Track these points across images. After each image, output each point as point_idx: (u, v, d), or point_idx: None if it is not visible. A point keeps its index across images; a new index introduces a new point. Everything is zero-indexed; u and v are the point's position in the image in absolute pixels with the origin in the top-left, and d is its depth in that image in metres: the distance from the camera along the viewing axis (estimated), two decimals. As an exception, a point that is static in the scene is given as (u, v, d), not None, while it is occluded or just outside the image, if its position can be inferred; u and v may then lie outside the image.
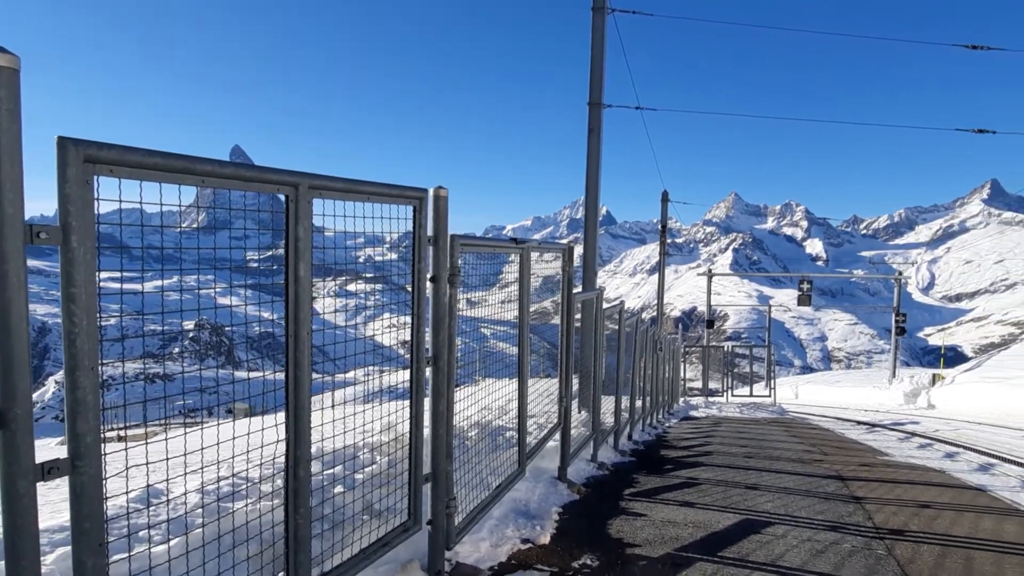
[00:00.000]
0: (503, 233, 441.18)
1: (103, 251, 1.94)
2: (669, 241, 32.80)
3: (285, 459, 2.64)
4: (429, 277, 3.53)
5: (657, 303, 32.08)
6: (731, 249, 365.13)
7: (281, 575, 2.74)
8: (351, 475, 3.92)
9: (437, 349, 3.61)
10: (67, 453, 1.88)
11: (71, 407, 1.87)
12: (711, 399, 27.19)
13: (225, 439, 2.48)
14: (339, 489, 3.67)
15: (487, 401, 4.72)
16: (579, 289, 8.09)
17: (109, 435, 2.06)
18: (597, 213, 12.07)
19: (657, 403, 14.82)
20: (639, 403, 11.10)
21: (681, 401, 24.04)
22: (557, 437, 6.10)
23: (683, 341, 34.70)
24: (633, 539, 4.73)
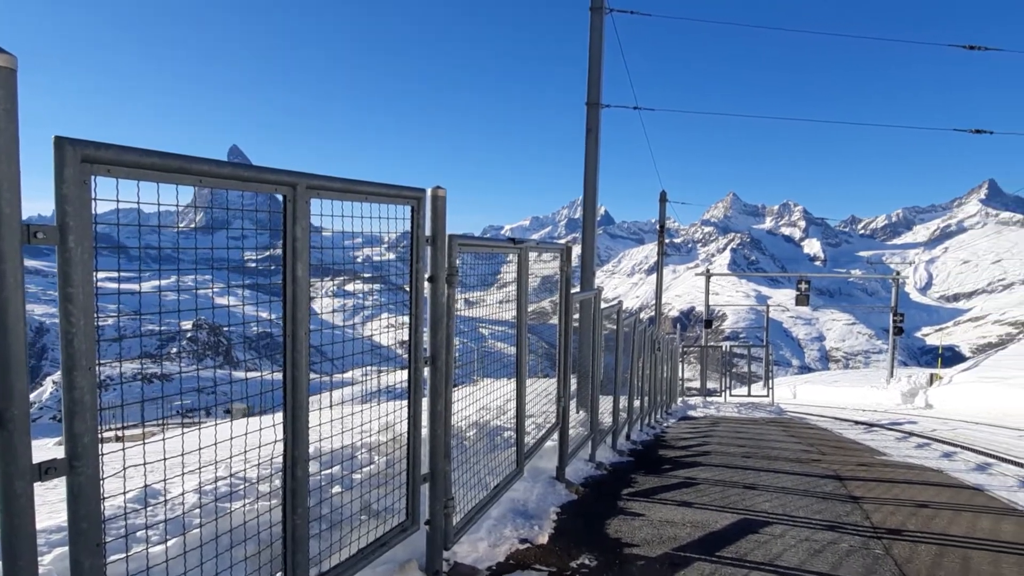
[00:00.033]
0: (501, 233, 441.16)
1: (100, 251, 1.94)
2: (667, 241, 32.82)
3: (283, 459, 2.64)
4: (427, 277, 3.53)
5: (655, 303, 32.10)
6: (729, 249, 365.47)
7: (279, 575, 2.74)
8: (349, 475, 3.92)
9: (435, 349, 3.61)
10: (64, 453, 1.87)
11: (68, 407, 1.87)
12: (709, 399, 27.21)
13: (223, 439, 2.48)
14: (337, 489, 3.67)
15: (485, 401, 4.72)
16: (577, 289, 8.09)
17: (107, 435, 2.05)
18: (595, 213, 12.07)
19: (655, 403, 14.82)
20: (637, 403, 11.11)
21: (679, 401, 24.05)
22: (555, 437, 6.10)
23: (681, 341, 34.72)
24: (631, 539, 4.73)
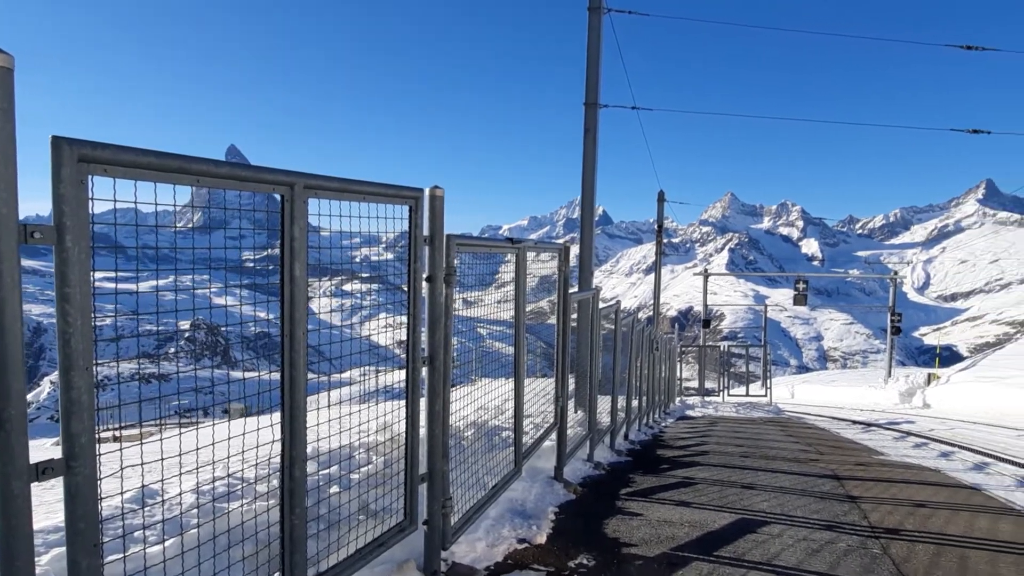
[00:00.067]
0: (499, 233, 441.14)
1: (98, 251, 1.93)
2: (665, 241, 32.84)
3: (281, 459, 2.64)
4: (425, 277, 3.53)
5: (653, 303, 32.11)
6: (727, 249, 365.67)
7: (276, 575, 2.74)
8: (347, 475, 3.92)
9: (433, 349, 3.61)
10: (62, 453, 1.87)
11: (66, 407, 1.86)
12: (707, 399, 27.23)
13: (220, 439, 2.48)
14: (335, 489, 3.67)
15: (483, 401, 4.72)
16: (575, 289, 8.09)
17: (104, 435, 2.05)
18: (593, 213, 12.08)
19: (653, 403, 14.83)
20: (635, 403, 11.11)
21: (677, 401, 24.07)
22: (553, 437, 6.10)
23: (679, 341, 34.74)
24: (629, 539, 4.73)
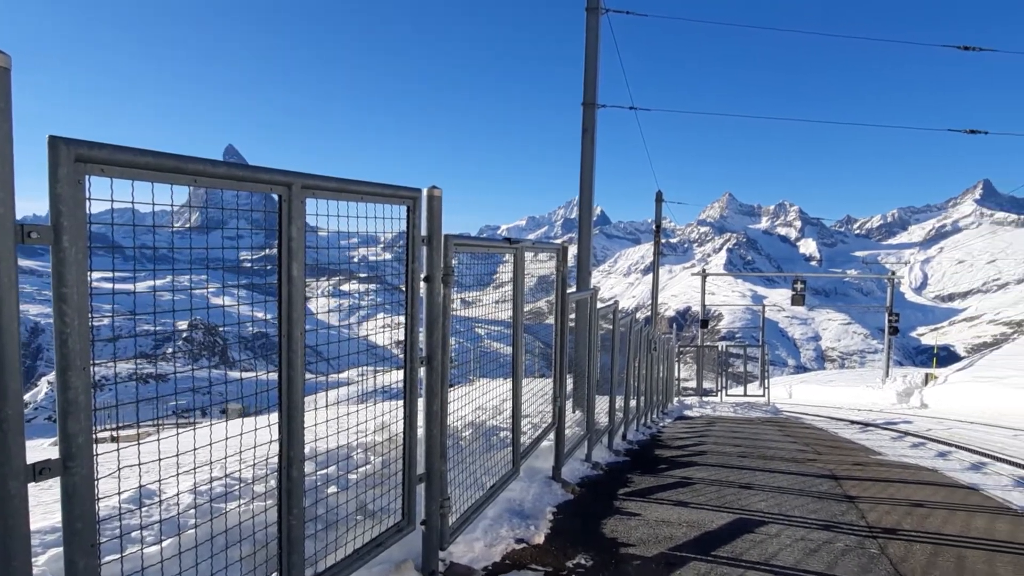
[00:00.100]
0: (498, 233, 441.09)
1: (95, 251, 1.93)
2: (663, 241, 32.86)
3: (278, 459, 2.64)
4: (423, 277, 3.53)
5: (651, 303, 32.13)
6: (725, 249, 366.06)
7: (274, 575, 2.74)
8: (345, 475, 3.92)
9: (431, 349, 3.61)
10: (59, 454, 1.87)
11: (63, 407, 1.86)
12: (705, 399, 27.26)
13: (218, 439, 2.48)
14: (333, 489, 3.67)
15: (481, 401, 4.72)
16: (573, 289, 8.10)
17: (101, 436, 2.05)
18: (591, 213, 12.08)
19: (651, 403, 14.84)
20: (633, 403, 11.12)
21: (675, 401, 24.08)
22: (551, 437, 6.11)
23: (677, 341, 34.77)
24: (627, 539, 4.73)
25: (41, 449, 17.14)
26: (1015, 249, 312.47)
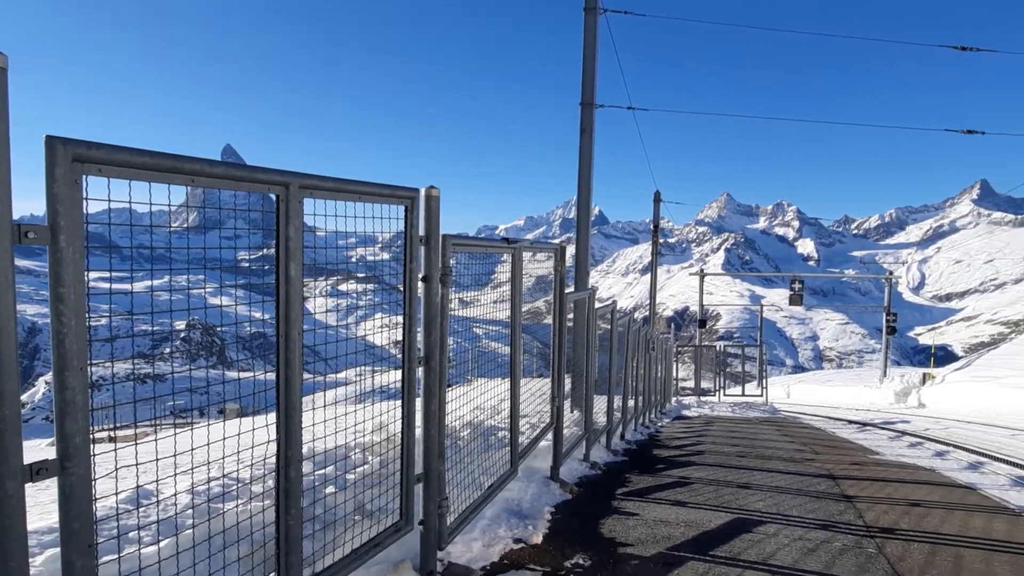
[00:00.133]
0: (496, 233, 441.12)
1: (92, 251, 1.93)
2: (661, 241, 32.89)
3: (276, 459, 2.64)
4: (421, 277, 3.53)
5: (649, 303, 32.15)
6: (723, 249, 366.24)
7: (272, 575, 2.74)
8: (343, 475, 3.91)
9: (429, 349, 3.61)
10: (56, 454, 1.87)
11: (60, 408, 1.86)
12: (703, 398, 27.28)
13: (216, 439, 2.47)
14: (331, 489, 3.67)
15: (479, 401, 4.72)
16: (571, 289, 8.10)
17: (99, 436, 2.05)
18: (589, 213, 12.10)
19: (649, 402, 14.85)
20: (631, 402, 11.12)
21: (673, 400, 24.10)
22: (549, 437, 6.11)
23: (675, 341, 34.79)
24: (625, 538, 4.73)
25: (38, 449, 17.12)
26: (1012, 249, 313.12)
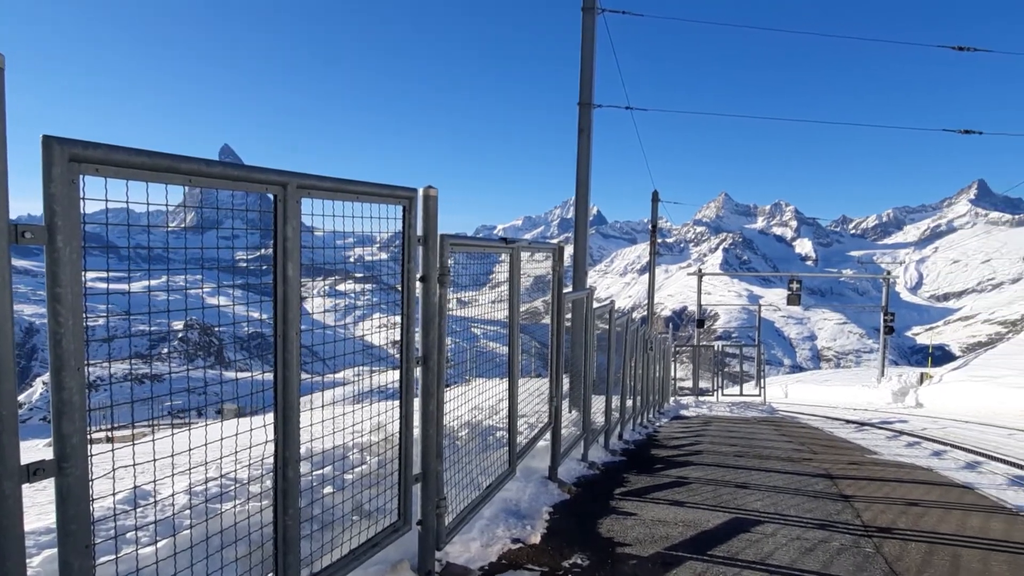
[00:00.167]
0: (494, 233, 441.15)
1: (90, 251, 1.93)
2: (659, 241, 32.93)
3: (274, 460, 2.63)
4: (419, 277, 3.53)
5: (648, 302, 32.17)
6: (721, 249, 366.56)
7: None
8: (341, 476, 3.91)
9: (427, 349, 3.60)
10: (53, 455, 1.87)
11: (57, 408, 1.86)
12: (701, 398, 27.31)
13: (213, 440, 2.47)
14: (328, 490, 3.66)
15: (477, 401, 4.72)
16: (569, 289, 8.10)
17: (96, 436, 2.05)
18: (587, 213, 12.10)
19: (647, 402, 14.86)
20: (629, 402, 11.13)
21: (671, 400, 24.11)
22: (548, 437, 6.11)
23: (673, 340, 34.81)
24: (623, 538, 4.73)
25: (36, 450, 17.09)
26: (1009, 249, 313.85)
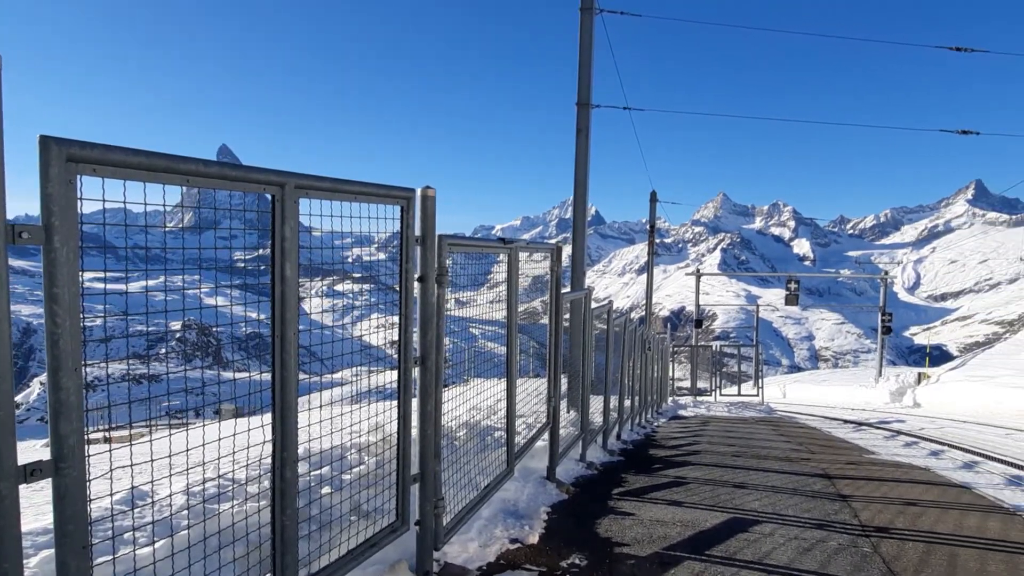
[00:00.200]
0: (492, 233, 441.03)
1: (87, 251, 1.92)
2: (658, 241, 32.97)
3: (272, 460, 2.63)
4: (417, 277, 3.53)
5: (646, 303, 32.19)
6: (719, 249, 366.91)
7: (268, 576, 2.73)
8: (339, 476, 3.91)
9: (425, 349, 3.60)
10: (50, 455, 1.86)
11: (54, 408, 1.85)
12: (699, 398, 27.33)
13: (211, 440, 2.47)
14: (327, 490, 3.66)
15: (476, 401, 4.72)
16: (568, 289, 8.10)
17: (94, 436, 2.04)
18: (585, 213, 12.10)
19: (646, 403, 14.86)
20: (628, 403, 11.13)
21: (670, 400, 24.13)
22: (546, 437, 6.11)
23: (672, 341, 34.84)
24: (622, 538, 4.74)
25: (33, 450, 17.05)
26: (1007, 249, 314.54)
